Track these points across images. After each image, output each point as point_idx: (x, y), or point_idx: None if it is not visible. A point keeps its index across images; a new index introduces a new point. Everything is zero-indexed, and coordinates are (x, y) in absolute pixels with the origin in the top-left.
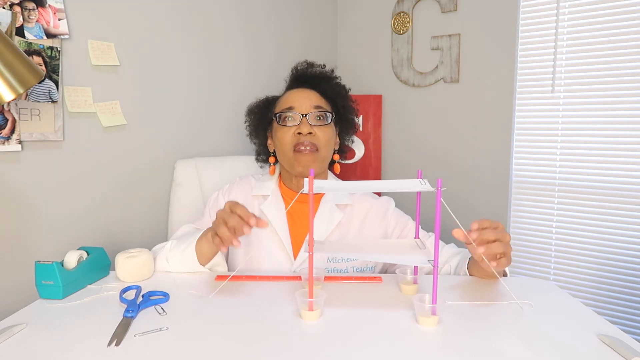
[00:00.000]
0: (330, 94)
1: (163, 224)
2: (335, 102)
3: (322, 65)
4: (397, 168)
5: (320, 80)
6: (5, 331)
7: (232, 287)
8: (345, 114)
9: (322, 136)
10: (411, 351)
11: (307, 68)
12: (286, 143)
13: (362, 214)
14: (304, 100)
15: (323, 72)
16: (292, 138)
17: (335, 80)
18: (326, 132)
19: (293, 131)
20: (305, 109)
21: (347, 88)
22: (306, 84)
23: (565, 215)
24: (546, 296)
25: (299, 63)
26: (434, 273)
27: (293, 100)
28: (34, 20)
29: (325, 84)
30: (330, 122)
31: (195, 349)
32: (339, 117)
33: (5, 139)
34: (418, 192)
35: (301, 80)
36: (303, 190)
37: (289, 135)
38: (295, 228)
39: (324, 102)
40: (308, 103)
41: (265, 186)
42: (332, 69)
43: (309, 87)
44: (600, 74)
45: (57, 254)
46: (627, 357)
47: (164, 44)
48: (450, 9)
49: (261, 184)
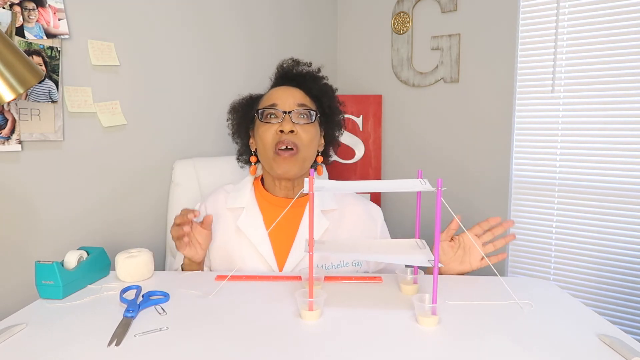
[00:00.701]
0: (316, 92)
1: (162, 223)
2: (321, 102)
3: (308, 64)
4: (397, 168)
5: (306, 78)
6: (5, 331)
7: (232, 287)
8: (331, 114)
9: (304, 135)
10: (411, 351)
11: (292, 66)
12: (267, 141)
13: (353, 219)
14: (287, 97)
15: (309, 70)
16: (274, 136)
17: (322, 79)
18: (309, 132)
19: (275, 129)
20: (289, 106)
21: (334, 88)
22: (292, 82)
23: (565, 215)
24: (546, 296)
25: (284, 60)
26: (434, 273)
27: (277, 97)
28: (34, 20)
29: (311, 82)
30: (314, 121)
31: (195, 349)
32: (324, 118)
33: (5, 139)
34: (418, 192)
35: (286, 78)
36: (303, 190)
37: (270, 133)
38: (277, 239)
39: (309, 101)
40: (292, 100)
41: (240, 196)
42: (318, 67)
43: (294, 86)
44: (600, 74)
45: (57, 254)
46: (627, 357)
47: (164, 44)
48: (450, 9)
49: (236, 194)
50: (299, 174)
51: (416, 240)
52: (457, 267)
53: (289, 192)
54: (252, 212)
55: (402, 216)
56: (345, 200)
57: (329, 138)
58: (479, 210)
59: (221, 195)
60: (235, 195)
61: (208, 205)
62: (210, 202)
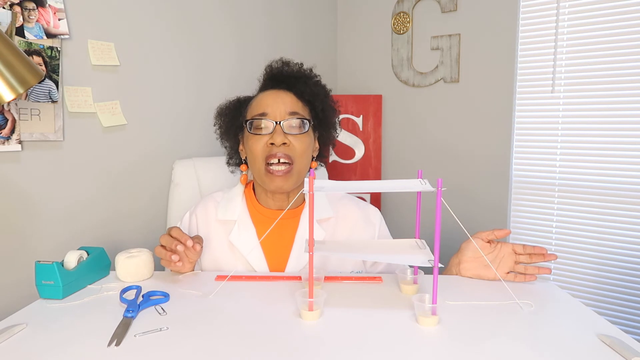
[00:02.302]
0: (308, 96)
1: (162, 223)
2: (314, 106)
3: (299, 64)
4: (397, 168)
5: (297, 80)
6: (5, 331)
7: (232, 287)
8: (325, 117)
9: (298, 146)
10: (411, 351)
11: (282, 67)
12: (258, 155)
13: (349, 224)
14: (278, 105)
15: (300, 71)
16: (265, 149)
17: (314, 79)
18: (303, 142)
19: (265, 141)
20: (280, 115)
21: (328, 88)
22: (282, 84)
23: (565, 215)
24: (546, 296)
25: (273, 61)
26: (434, 273)
27: (266, 104)
28: (34, 20)
29: (303, 84)
30: (307, 130)
31: (195, 349)
32: (317, 122)
33: (5, 139)
34: (418, 192)
35: (276, 81)
36: (303, 190)
37: (260, 145)
38: (272, 253)
39: (301, 107)
40: (283, 108)
41: (231, 208)
42: (310, 67)
43: (284, 89)
44: (600, 74)
45: (57, 253)
46: (627, 357)
47: (164, 44)
48: (450, 9)
49: (227, 205)
50: (293, 187)
51: (416, 240)
52: (477, 269)
53: (283, 204)
54: (244, 225)
55: (402, 216)
56: (341, 205)
57: (324, 140)
58: (479, 210)
59: (210, 205)
60: (225, 206)
61: (198, 216)
62: (200, 212)
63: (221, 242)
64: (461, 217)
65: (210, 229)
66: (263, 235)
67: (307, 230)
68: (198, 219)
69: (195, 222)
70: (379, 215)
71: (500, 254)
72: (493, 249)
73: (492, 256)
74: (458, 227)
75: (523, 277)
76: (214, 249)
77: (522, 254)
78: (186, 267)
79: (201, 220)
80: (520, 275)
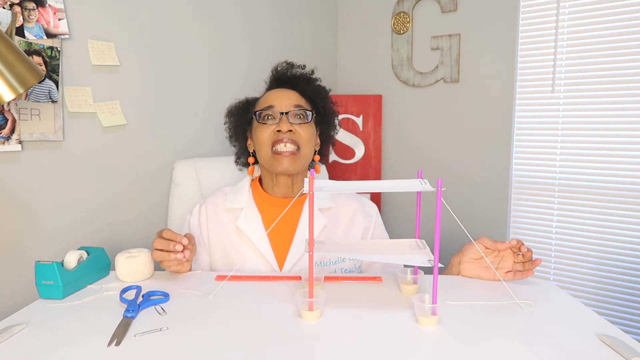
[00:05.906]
0: (310, 94)
1: (162, 224)
2: (315, 103)
3: (302, 66)
4: (397, 168)
5: (300, 81)
6: (5, 331)
7: (232, 287)
8: (326, 114)
9: (303, 133)
10: (411, 351)
11: (287, 69)
12: (265, 141)
13: (348, 216)
14: (283, 99)
15: (303, 73)
16: (272, 135)
17: (315, 81)
18: (307, 130)
19: (272, 129)
20: (285, 107)
21: (327, 89)
22: (286, 84)
23: (565, 215)
24: (546, 296)
25: (278, 64)
26: (434, 273)
27: (273, 99)
28: (34, 20)
29: (305, 84)
30: (310, 121)
31: (195, 349)
32: (319, 118)
33: (5, 139)
34: (418, 192)
35: (281, 81)
36: (303, 190)
37: (267, 133)
38: (276, 237)
39: (304, 102)
40: (288, 102)
41: (238, 197)
42: (312, 70)
43: (289, 88)
44: (600, 74)
45: (57, 253)
46: (627, 357)
47: (164, 44)
48: (450, 9)
49: (234, 196)
50: (299, 170)
51: (416, 240)
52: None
53: (288, 191)
54: (250, 212)
55: (402, 216)
56: (341, 198)
57: (324, 137)
58: (479, 210)
59: (220, 196)
60: (233, 196)
61: (208, 206)
62: (209, 203)
63: (228, 229)
64: (461, 217)
65: (219, 217)
66: (269, 221)
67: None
68: (208, 209)
69: (205, 212)
70: (376, 209)
71: (500, 255)
72: (493, 250)
73: (492, 257)
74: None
75: (521, 274)
76: (222, 236)
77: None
78: (185, 267)
79: (210, 210)
80: (519, 272)
